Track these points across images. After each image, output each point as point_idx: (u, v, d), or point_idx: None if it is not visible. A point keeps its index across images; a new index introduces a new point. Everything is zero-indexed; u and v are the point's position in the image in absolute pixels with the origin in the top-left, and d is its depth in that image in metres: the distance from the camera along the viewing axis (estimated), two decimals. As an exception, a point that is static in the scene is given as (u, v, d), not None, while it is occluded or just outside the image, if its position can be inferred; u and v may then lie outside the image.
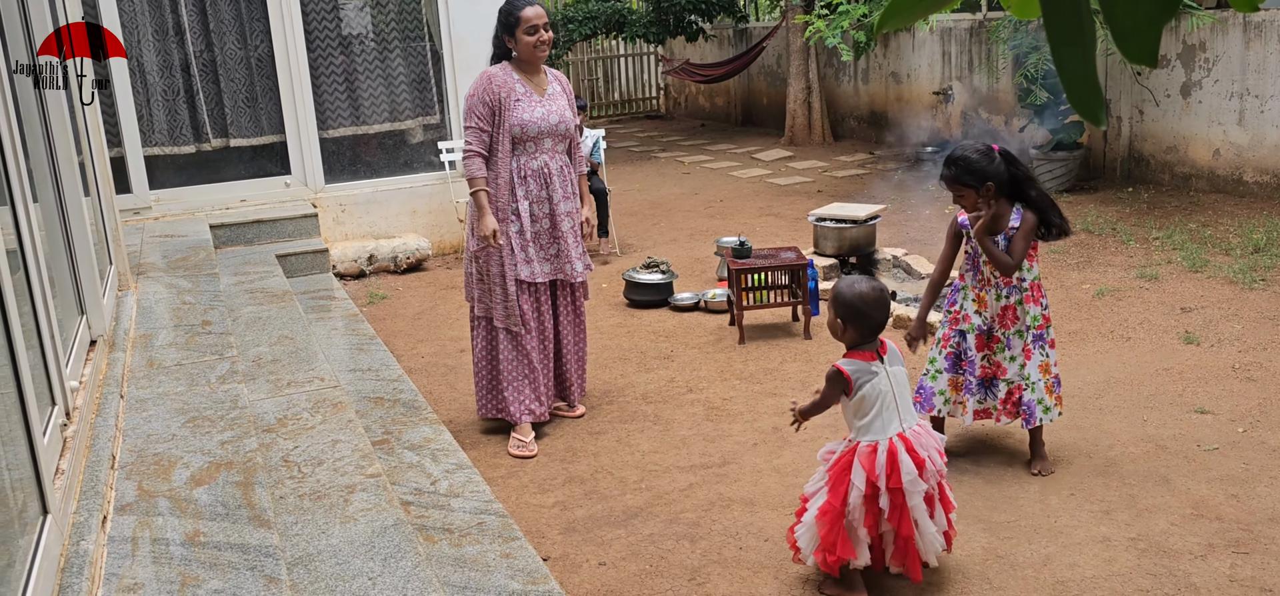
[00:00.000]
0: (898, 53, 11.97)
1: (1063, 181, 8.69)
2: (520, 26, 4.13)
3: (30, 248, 2.85)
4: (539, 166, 4.20)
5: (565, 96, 4.32)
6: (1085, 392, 4.49)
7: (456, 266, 7.56)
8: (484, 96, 4.13)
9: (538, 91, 4.22)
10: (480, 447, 4.28)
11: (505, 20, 4.17)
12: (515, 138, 4.15)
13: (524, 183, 4.18)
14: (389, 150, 7.98)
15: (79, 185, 4.01)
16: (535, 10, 4.14)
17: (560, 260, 4.28)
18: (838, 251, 6.45)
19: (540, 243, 4.25)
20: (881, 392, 2.93)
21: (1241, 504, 3.46)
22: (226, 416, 3.16)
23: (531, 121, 4.14)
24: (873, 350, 2.98)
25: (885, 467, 2.89)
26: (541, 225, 4.23)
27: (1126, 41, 0.70)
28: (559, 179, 4.24)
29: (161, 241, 6.04)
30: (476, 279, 4.31)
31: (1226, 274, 6.03)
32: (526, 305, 4.25)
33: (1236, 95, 7.87)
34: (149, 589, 2.21)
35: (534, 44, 4.13)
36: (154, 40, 7.25)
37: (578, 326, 4.51)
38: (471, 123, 4.14)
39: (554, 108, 4.22)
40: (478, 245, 4.17)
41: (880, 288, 3.02)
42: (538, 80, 4.24)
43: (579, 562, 3.33)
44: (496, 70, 4.20)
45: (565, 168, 4.30)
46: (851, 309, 2.95)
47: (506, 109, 4.13)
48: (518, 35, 4.14)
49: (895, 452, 2.90)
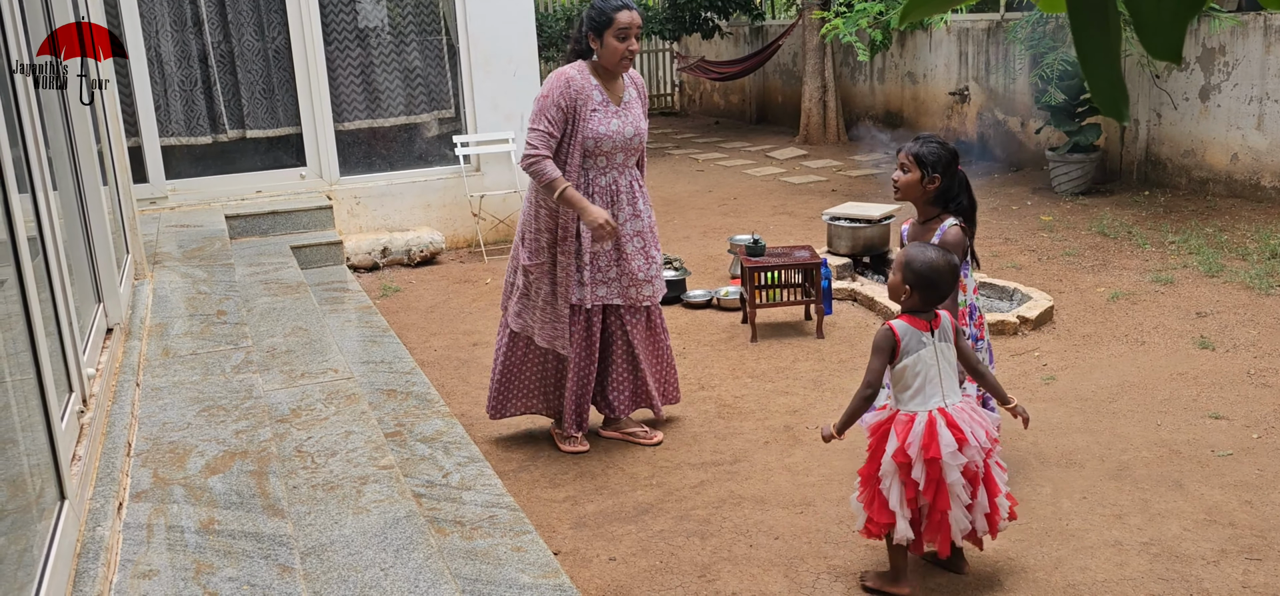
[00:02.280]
0: (914, 52, 11.93)
1: (1079, 184, 8.64)
2: (611, 28, 3.79)
3: (49, 235, 2.88)
4: (608, 183, 3.91)
5: (640, 102, 4.02)
6: (1099, 396, 4.47)
7: (470, 260, 7.58)
8: (559, 100, 3.80)
9: (614, 99, 3.91)
10: (492, 441, 4.29)
11: (596, 18, 3.82)
12: (586, 150, 3.85)
13: (591, 199, 3.88)
14: (404, 143, 8.01)
15: (98, 174, 4.04)
16: (631, 14, 3.79)
17: (623, 282, 3.98)
18: (852, 251, 6.44)
19: (598, 264, 3.94)
20: (927, 365, 2.92)
21: (1255, 510, 3.44)
22: (241, 406, 3.18)
23: (606, 135, 3.84)
24: (927, 320, 2.97)
25: (922, 439, 2.87)
26: (604, 245, 3.91)
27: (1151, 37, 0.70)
28: (627, 196, 3.95)
29: (177, 231, 6.07)
30: (521, 292, 4.04)
31: (1243, 279, 5.99)
32: (577, 329, 4.00)
33: (1256, 99, 7.81)
34: (164, 575, 2.23)
35: (623, 52, 3.81)
36: (172, 31, 7.29)
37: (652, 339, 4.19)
38: (540, 125, 3.80)
39: (630, 118, 3.92)
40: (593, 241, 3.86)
41: (951, 259, 3.01)
42: (615, 87, 3.93)
43: (589, 557, 3.34)
44: (574, 73, 3.86)
45: (634, 184, 4.01)
46: (922, 277, 2.93)
47: (581, 118, 3.81)
48: (606, 38, 3.80)
49: (933, 424, 2.88)
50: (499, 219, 7.99)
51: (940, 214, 3.49)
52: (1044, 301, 5.60)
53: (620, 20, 3.78)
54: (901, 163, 3.52)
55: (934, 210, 3.51)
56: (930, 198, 3.49)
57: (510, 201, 7.96)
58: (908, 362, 2.91)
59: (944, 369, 2.95)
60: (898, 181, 3.54)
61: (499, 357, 4.18)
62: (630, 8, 3.81)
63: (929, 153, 3.45)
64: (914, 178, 3.48)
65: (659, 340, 4.23)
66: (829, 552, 3.30)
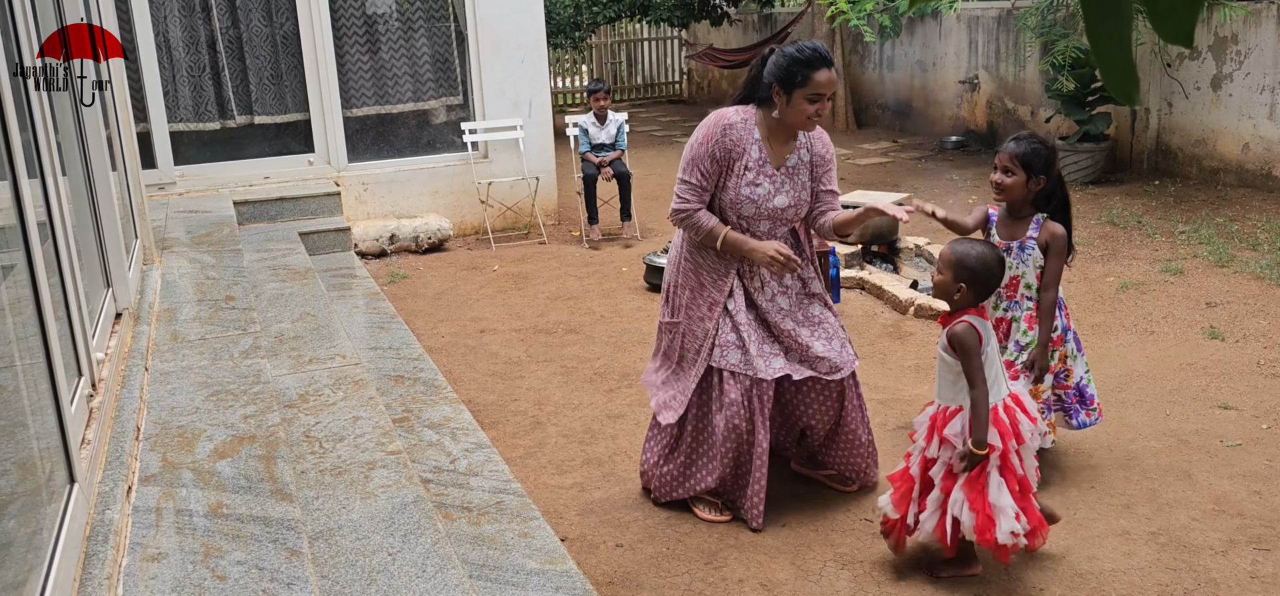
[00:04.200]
0: (924, 41, 11.88)
1: (1089, 173, 8.60)
2: (804, 87, 3.16)
3: (59, 221, 2.88)
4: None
5: (810, 167, 3.37)
6: (1107, 386, 4.46)
7: (478, 247, 7.58)
8: (714, 150, 3.26)
9: (775, 161, 3.31)
10: (499, 427, 4.30)
11: (787, 70, 3.18)
12: (720, 211, 3.34)
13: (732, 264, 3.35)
14: (412, 130, 8.01)
15: (107, 160, 4.05)
16: (830, 74, 3.17)
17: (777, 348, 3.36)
18: (861, 239, 6.42)
19: (752, 330, 3.34)
20: (993, 355, 2.94)
21: (1264, 500, 3.43)
22: (249, 391, 3.19)
23: (747, 199, 3.27)
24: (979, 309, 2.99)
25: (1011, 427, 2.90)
26: (749, 315, 3.35)
27: (1163, 21, 0.69)
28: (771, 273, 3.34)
29: (186, 217, 6.09)
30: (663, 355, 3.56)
31: (1253, 269, 5.96)
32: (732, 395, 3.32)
33: (1268, 88, 7.76)
34: (173, 558, 2.24)
35: (809, 115, 3.20)
36: (180, 16, 7.29)
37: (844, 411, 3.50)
38: (692, 177, 3.28)
39: (790, 192, 3.32)
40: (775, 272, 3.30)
41: (999, 254, 3.01)
42: (781, 148, 3.32)
43: (596, 544, 3.35)
44: (736, 119, 3.29)
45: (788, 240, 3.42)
46: (976, 273, 2.92)
47: (731, 174, 3.28)
48: (794, 97, 3.18)
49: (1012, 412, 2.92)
50: (506, 206, 7.99)
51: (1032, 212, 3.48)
52: (1053, 291, 5.58)
53: (818, 80, 3.16)
54: (1004, 166, 3.43)
55: (1032, 209, 3.48)
56: (1032, 197, 3.45)
57: (517, 188, 7.96)
58: (985, 355, 2.92)
59: (997, 357, 2.99)
60: (1002, 184, 3.45)
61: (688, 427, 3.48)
62: (830, 64, 3.20)
63: (1033, 153, 3.40)
64: (1020, 180, 3.43)
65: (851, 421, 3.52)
66: (836, 540, 3.30)
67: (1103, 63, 0.74)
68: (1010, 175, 3.43)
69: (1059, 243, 3.41)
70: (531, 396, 4.65)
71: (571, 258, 7.21)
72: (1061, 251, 3.42)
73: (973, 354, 2.87)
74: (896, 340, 5.21)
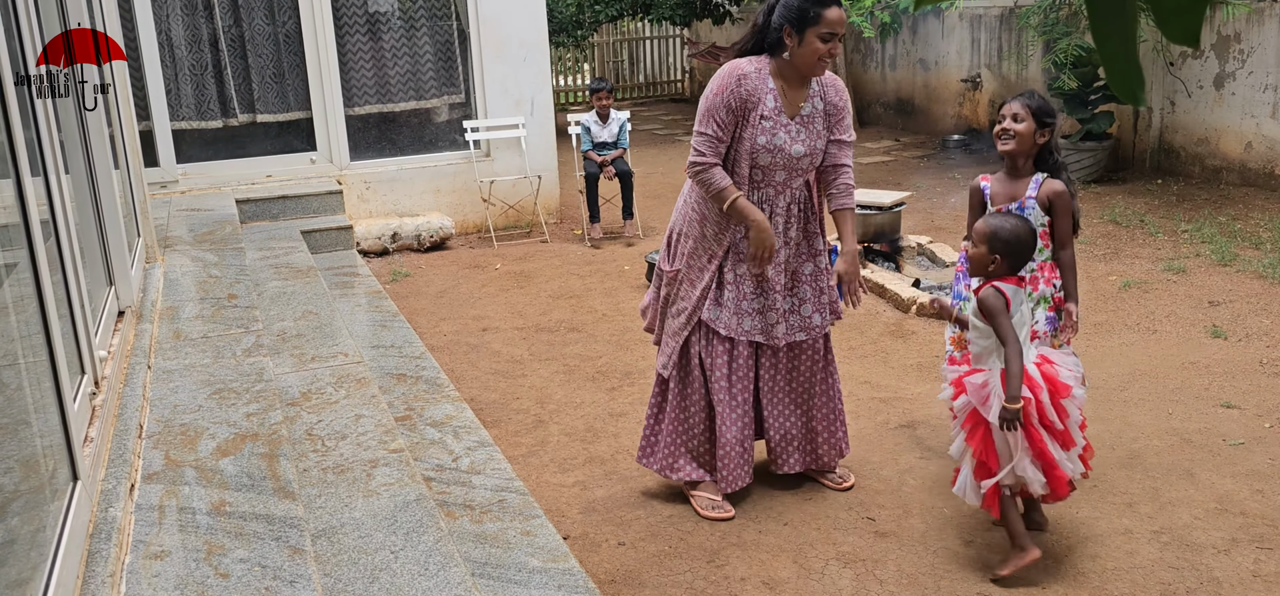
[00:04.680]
0: (926, 39, 11.87)
1: (1091, 172, 8.60)
2: (816, 25, 3.17)
3: (62, 219, 2.89)
4: (760, 198, 3.36)
5: (825, 115, 3.38)
6: (1110, 385, 4.46)
7: (480, 246, 7.59)
8: (729, 101, 3.25)
9: (790, 109, 3.31)
10: (501, 426, 4.30)
11: (799, 8, 3.18)
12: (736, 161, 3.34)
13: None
14: (414, 129, 8.01)
15: (109, 158, 4.05)
16: (841, 12, 3.20)
17: (764, 318, 3.42)
18: (862, 237, 6.42)
19: (742, 291, 3.39)
20: (1024, 322, 2.99)
21: (1266, 499, 3.43)
22: (251, 389, 3.19)
23: (764, 147, 3.28)
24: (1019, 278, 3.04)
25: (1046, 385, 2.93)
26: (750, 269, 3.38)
27: (1169, 21, 0.69)
28: (782, 220, 3.37)
29: (188, 215, 6.09)
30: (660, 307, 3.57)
31: (1256, 268, 5.95)
32: (718, 357, 3.42)
33: (1271, 87, 7.75)
34: (175, 556, 2.24)
35: (821, 55, 3.21)
36: (183, 15, 7.30)
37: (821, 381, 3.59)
38: (708, 129, 3.27)
39: (803, 135, 3.32)
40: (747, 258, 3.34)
41: (1032, 227, 3.07)
42: (797, 94, 3.33)
43: (598, 542, 3.35)
44: (750, 69, 3.28)
45: (794, 207, 3.40)
46: (1010, 245, 2.98)
47: (747, 125, 3.28)
48: (808, 35, 3.18)
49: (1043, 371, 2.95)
50: (509, 204, 8.00)
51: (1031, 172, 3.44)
52: (1055, 289, 5.57)
53: (829, 17, 3.17)
54: (1014, 113, 3.37)
55: (1029, 166, 3.43)
56: (1036, 153, 3.41)
57: (520, 187, 7.96)
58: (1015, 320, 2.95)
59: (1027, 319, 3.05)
60: (1011, 131, 3.36)
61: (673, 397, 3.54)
62: (840, 3, 3.22)
63: (1042, 105, 3.38)
64: (1029, 128, 3.35)
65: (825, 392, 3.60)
66: (837, 538, 3.30)
67: (1108, 63, 0.74)
68: (1019, 121, 3.36)
69: (1063, 200, 3.34)
70: (534, 395, 4.65)
71: (573, 256, 7.22)
72: (1067, 208, 3.34)
73: (1000, 314, 2.93)
74: (899, 339, 5.21)
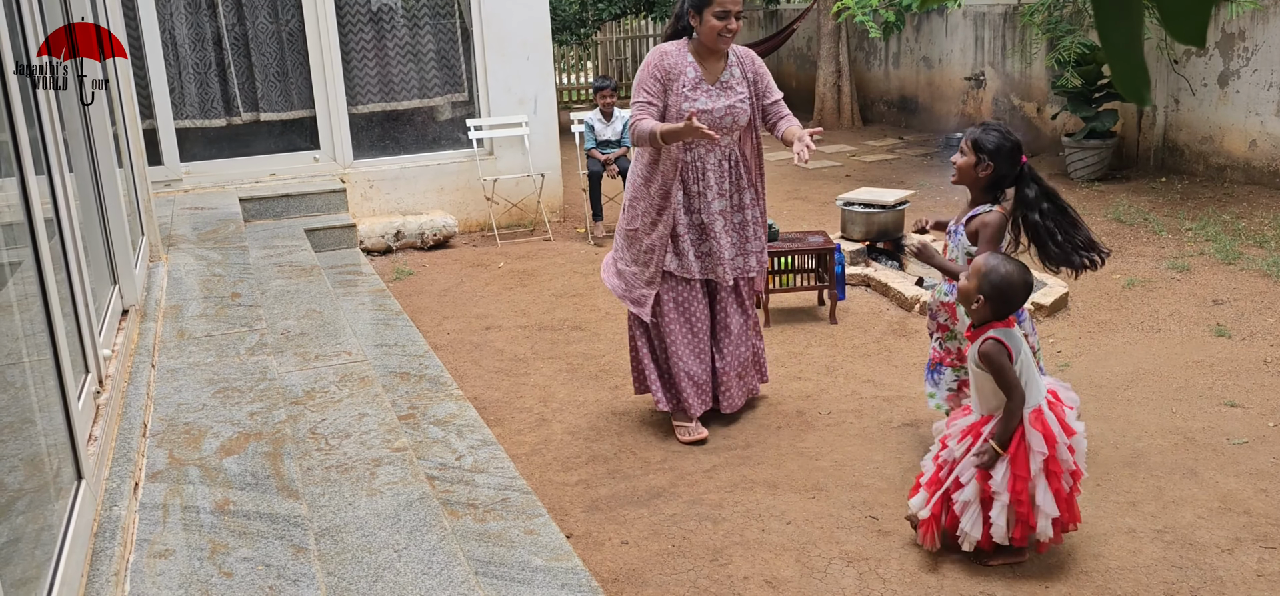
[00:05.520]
0: (929, 37, 11.86)
1: (1095, 170, 8.59)
2: (710, 6, 3.78)
3: (66, 218, 2.89)
4: (693, 159, 3.90)
5: (747, 83, 3.97)
6: (1113, 383, 4.45)
7: (483, 244, 7.59)
8: (655, 73, 3.87)
9: (710, 79, 3.91)
10: (505, 424, 4.30)
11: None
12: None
13: (678, 175, 3.91)
14: (417, 127, 8.01)
15: (113, 157, 4.05)
16: None
17: (711, 260, 3.99)
18: (866, 236, 6.42)
19: (693, 238, 3.98)
20: (1027, 360, 2.97)
21: (1270, 498, 3.42)
22: (255, 388, 3.20)
23: (686, 110, 3.82)
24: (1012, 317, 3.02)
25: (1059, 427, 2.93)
26: (695, 219, 3.96)
27: (1175, 21, 0.69)
28: (715, 175, 3.92)
29: (192, 214, 6.10)
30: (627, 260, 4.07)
31: (1260, 266, 5.94)
32: (670, 297, 4.02)
33: (1275, 85, 7.73)
34: (180, 555, 2.24)
35: (720, 30, 3.80)
36: (186, 13, 7.30)
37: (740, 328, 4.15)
38: (640, 97, 3.88)
39: (724, 100, 3.89)
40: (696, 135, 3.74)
41: (1028, 280, 3.02)
42: (714, 66, 3.92)
43: (601, 541, 3.35)
44: (671, 48, 3.92)
45: (725, 162, 3.95)
46: (996, 288, 2.95)
47: (671, 93, 3.86)
48: (705, 16, 3.80)
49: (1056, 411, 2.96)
50: (512, 203, 8.00)
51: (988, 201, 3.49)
52: (1059, 288, 5.57)
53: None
54: (961, 147, 3.53)
55: (985, 197, 3.50)
56: (982, 184, 3.47)
57: (523, 185, 7.96)
58: (1018, 362, 2.94)
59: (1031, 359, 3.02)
60: (955, 163, 3.56)
61: (640, 337, 4.15)
62: None
63: (987, 139, 3.44)
64: (969, 161, 3.48)
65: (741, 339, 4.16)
66: (841, 538, 3.30)
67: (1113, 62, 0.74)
68: (963, 155, 3.52)
69: (987, 230, 3.41)
70: (537, 393, 4.65)
71: (576, 254, 7.22)
72: (989, 239, 3.40)
73: (1005, 370, 2.92)
74: (901, 337, 5.21)
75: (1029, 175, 3.45)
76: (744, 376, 4.23)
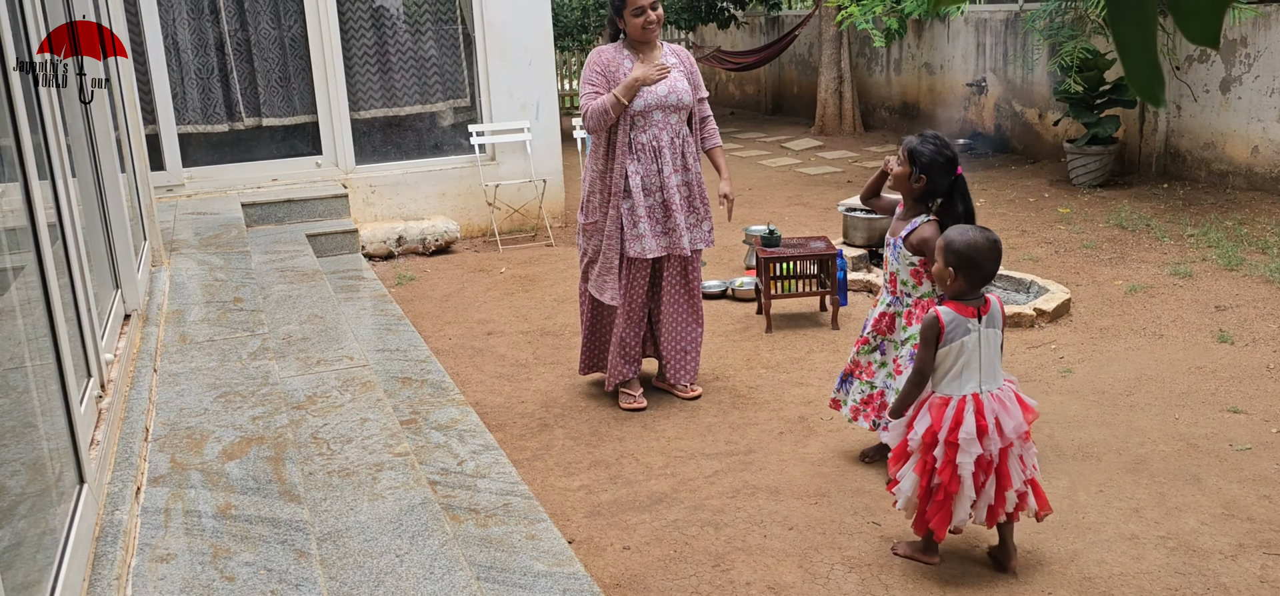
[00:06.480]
0: (931, 43, 11.87)
1: (1097, 176, 8.59)
2: (626, 8, 4.22)
3: (69, 222, 2.89)
4: (649, 139, 4.27)
5: (681, 69, 4.37)
6: (1116, 389, 4.44)
7: (485, 249, 7.59)
8: (597, 66, 4.28)
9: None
10: (506, 429, 4.29)
11: (613, 2, 4.28)
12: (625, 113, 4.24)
13: (635, 157, 4.26)
14: (419, 132, 8.01)
15: (116, 162, 4.06)
16: None
17: (671, 235, 4.32)
18: (867, 242, 6.41)
19: (654, 217, 4.31)
20: (969, 351, 2.93)
21: (1274, 504, 3.41)
22: (257, 392, 3.19)
23: (638, 96, 4.21)
24: (975, 306, 2.96)
25: (950, 421, 2.90)
26: (654, 199, 4.29)
27: (1189, 21, 0.69)
28: (670, 151, 4.29)
29: (194, 219, 6.10)
30: (592, 259, 4.42)
31: (1263, 272, 5.94)
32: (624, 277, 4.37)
33: (1277, 91, 7.73)
34: (181, 559, 2.24)
35: (641, 24, 4.22)
36: (189, 19, 7.31)
37: (687, 302, 4.51)
38: (586, 90, 4.27)
39: (665, 82, 4.27)
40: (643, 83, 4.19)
41: (993, 238, 2.99)
42: (649, 57, 4.31)
43: (603, 546, 3.34)
44: (608, 48, 4.34)
45: (676, 140, 4.33)
46: (964, 257, 2.92)
47: (615, 83, 4.24)
48: (625, 17, 4.24)
49: (962, 408, 2.92)
50: (514, 208, 8.00)
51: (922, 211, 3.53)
52: (1061, 293, 5.57)
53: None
54: (899, 154, 3.56)
55: (918, 207, 3.54)
56: (916, 195, 3.51)
57: (525, 190, 7.96)
58: (950, 348, 2.93)
59: (986, 355, 2.96)
60: (888, 169, 3.61)
61: (584, 320, 4.58)
62: None
63: (923, 151, 3.46)
64: (903, 171, 3.52)
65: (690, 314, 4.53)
66: (843, 543, 3.29)
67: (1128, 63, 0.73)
68: (899, 164, 3.55)
69: (928, 246, 3.40)
70: (538, 398, 4.65)
71: (578, 260, 7.21)
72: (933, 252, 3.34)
73: (924, 344, 2.95)
74: (904, 343, 5.20)
75: (961, 189, 3.45)
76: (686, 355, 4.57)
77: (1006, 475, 2.96)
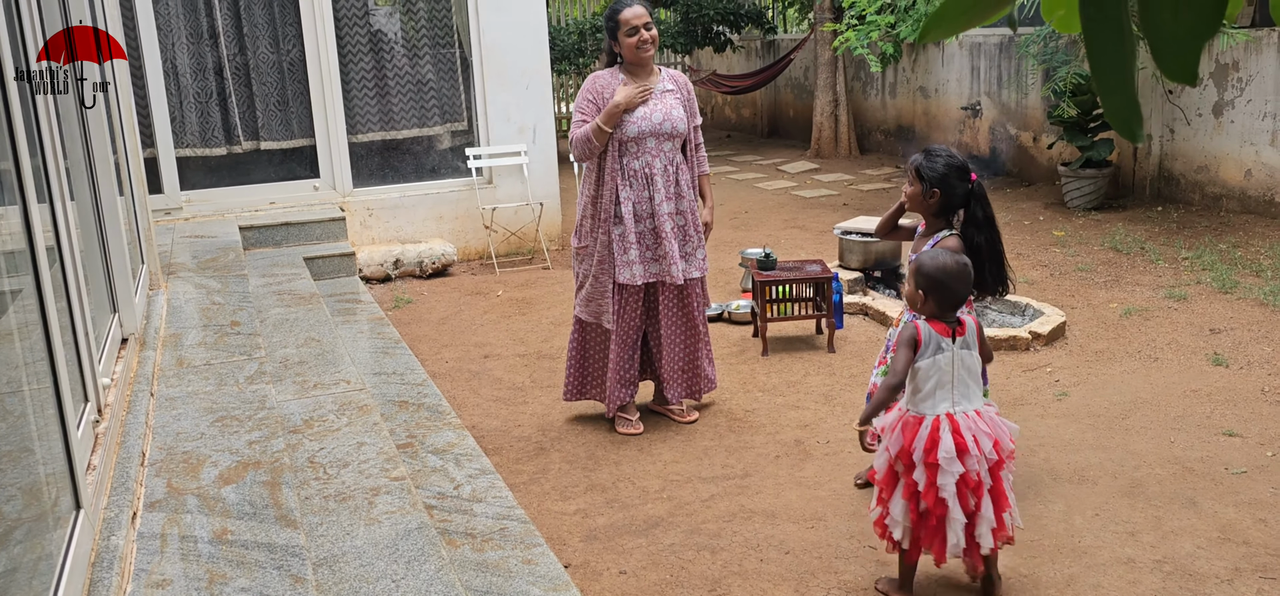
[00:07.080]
0: (926, 67, 11.93)
1: (1091, 199, 8.62)
2: (621, 29, 4.21)
3: (67, 245, 2.90)
4: (641, 166, 4.24)
5: (677, 96, 4.34)
6: (1111, 412, 4.45)
7: (482, 273, 7.61)
8: (588, 95, 4.26)
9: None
10: (503, 453, 4.30)
11: (608, 24, 4.27)
12: (617, 138, 4.23)
13: (627, 183, 4.24)
14: (416, 156, 8.04)
15: (114, 185, 4.07)
16: (634, 11, 4.20)
17: (663, 263, 4.29)
18: (863, 265, 6.43)
19: (644, 243, 4.29)
20: (941, 370, 2.93)
21: (1269, 528, 3.42)
22: (254, 416, 3.19)
23: (630, 122, 4.20)
24: (950, 327, 2.97)
25: (925, 442, 2.89)
26: (645, 226, 4.28)
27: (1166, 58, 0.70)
28: (662, 179, 4.26)
29: (192, 242, 6.11)
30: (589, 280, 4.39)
31: (1257, 295, 5.96)
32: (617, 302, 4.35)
33: (1270, 115, 7.78)
34: (177, 585, 2.24)
35: (636, 45, 4.19)
36: (188, 43, 7.34)
37: (685, 327, 4.48)
38: (578, 116, 4.26)
39: (659, 108, 4.24)
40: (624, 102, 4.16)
41: (964, 262, 3.00)
42: (645, 82, 4.28)
43: (599, 571, 3.34)
44: (603, 73, 4.31)
45: (670, 168, 4.30)
46: (932, 280, 2.94)
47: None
48: (620, 38, 4.23)
49: (937, 428, 2.90)
50: (510, 231, 8.02)
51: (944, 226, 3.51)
52: (1056, 317, 5.58)
53: (626, 18, 4.20)
54: (908, 176, 3.57)
55: (939, 222, 3.52)
56: (933, 210, 3.50)
57: (522, 214, 7.98)
58: (923, 365, 2.93)
59: (961, 375, 2.95)
60: (904, 192, 3.61)
61: (573, 347, 4.55)
62: (632, 5, 4.20)
63: (928, 167, 3.47)
64: (916, 190, 3.53)
65: (691, 336, 4.51)
66: (840, 567, 3.29)
67: (1106, 98, 0.75)
68: (910, 184, 3.56)
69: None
70: (535, 422, 4.65)
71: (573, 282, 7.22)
72: None
73: (904, 347, 2.95)
74: (900, 366, 5.21)
75: (979, 194, 3.47)
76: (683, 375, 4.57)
77: (1002, 495, 2.96)
